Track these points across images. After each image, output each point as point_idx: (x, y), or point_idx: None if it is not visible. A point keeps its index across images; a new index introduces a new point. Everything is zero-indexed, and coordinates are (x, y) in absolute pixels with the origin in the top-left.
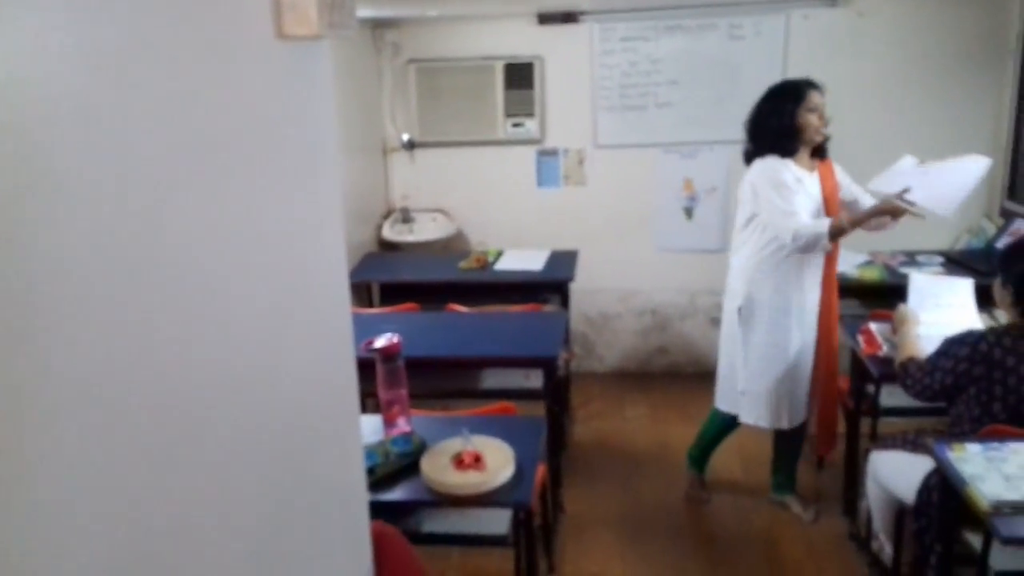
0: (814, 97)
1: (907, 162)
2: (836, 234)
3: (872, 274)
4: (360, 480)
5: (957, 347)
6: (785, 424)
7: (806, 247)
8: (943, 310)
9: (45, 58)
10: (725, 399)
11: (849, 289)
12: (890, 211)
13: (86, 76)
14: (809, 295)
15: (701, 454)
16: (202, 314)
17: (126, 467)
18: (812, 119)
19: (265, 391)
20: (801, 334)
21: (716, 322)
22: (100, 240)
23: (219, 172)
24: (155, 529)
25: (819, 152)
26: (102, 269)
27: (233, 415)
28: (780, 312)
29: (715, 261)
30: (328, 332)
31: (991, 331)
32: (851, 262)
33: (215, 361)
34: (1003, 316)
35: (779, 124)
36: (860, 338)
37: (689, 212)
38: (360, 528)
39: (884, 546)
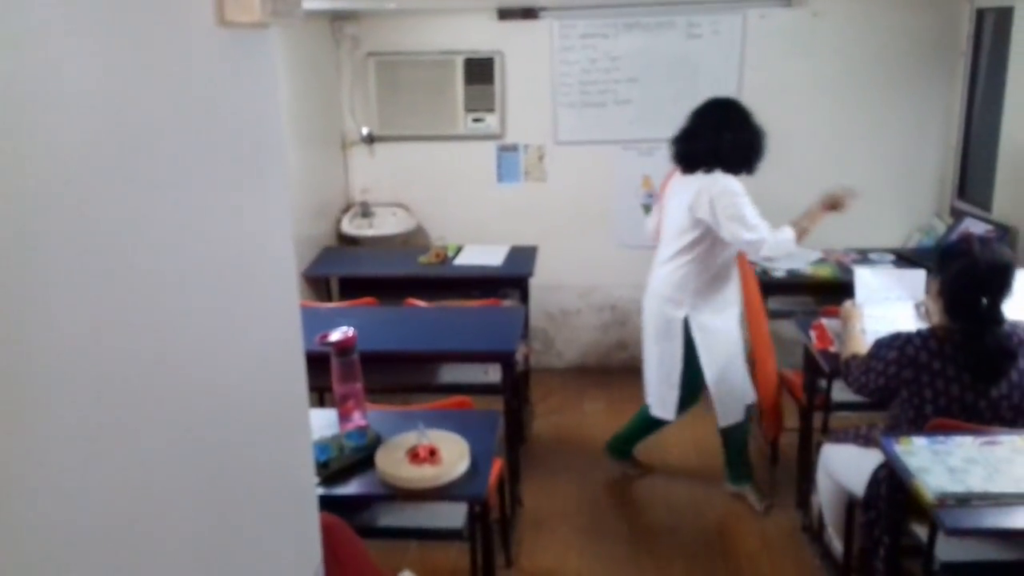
0: None
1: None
2: (800, 237)
3: (824, 271)
4: (309, 472)
5: (885, 350)
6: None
7: (776, 255)
8: (892, 303)
9: None
10: (666, 406)
11: (802, 286)
12: (833, 204)
13: (10, 57)
14: (737, 288)
15: (626, 446)
16: (139, 305)
17: (67, 458)
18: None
19: (209, 383)
20: (738, 325)
21: None
22: (24, 229)
23: (155, 161)
24: (97, 520)
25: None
26: (25, 260)
27: (174, 407)
28: (727, 308)
29: None
30: (276, 324)
31: (918, 334)
32: (804, 259)
33: (154, 351)
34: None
35: (759, 147)
36: (812, 334)
37: (647, 208)
38: (309, 520)
39: (834, 538)
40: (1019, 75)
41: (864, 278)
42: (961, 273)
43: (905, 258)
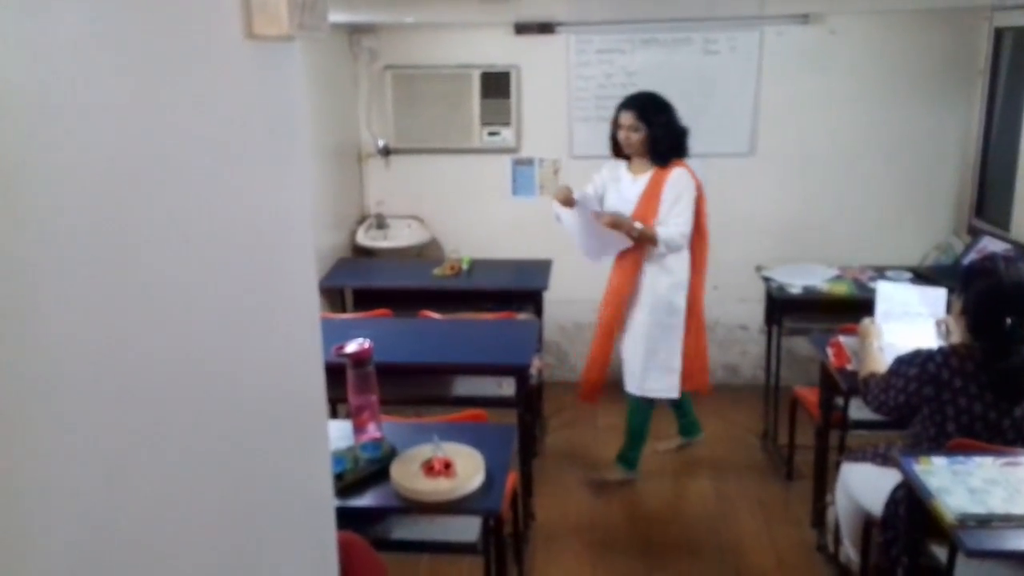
0: (620, 116)
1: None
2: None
3: (841, 288)
4: (327, 486)
5: (906, 367)
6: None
7: None
8: (912, 319)
9: None
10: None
11: (818, 303)
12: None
13: (41, 69)
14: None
15: (637, 451)
16: (164, 316)
17: (83, 472)
18: (619, 134)
19: (229, 395)
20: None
21: None
22: (57, 240)
23: (184, 172)
24: (112, 537)
25: (659, 159)
26: (56, 269)
27: (195, 418)
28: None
29: None
30: (296, 336)
31: (939, 351)
32: (821, 276)
33: (175, 363)
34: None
35: (611, 134)
36: (829, 351)
37: None
38: (327, 535)
39: (851, 558)
40: None
41: (886, 291)
42: (986, 292)
43: (922, 276)
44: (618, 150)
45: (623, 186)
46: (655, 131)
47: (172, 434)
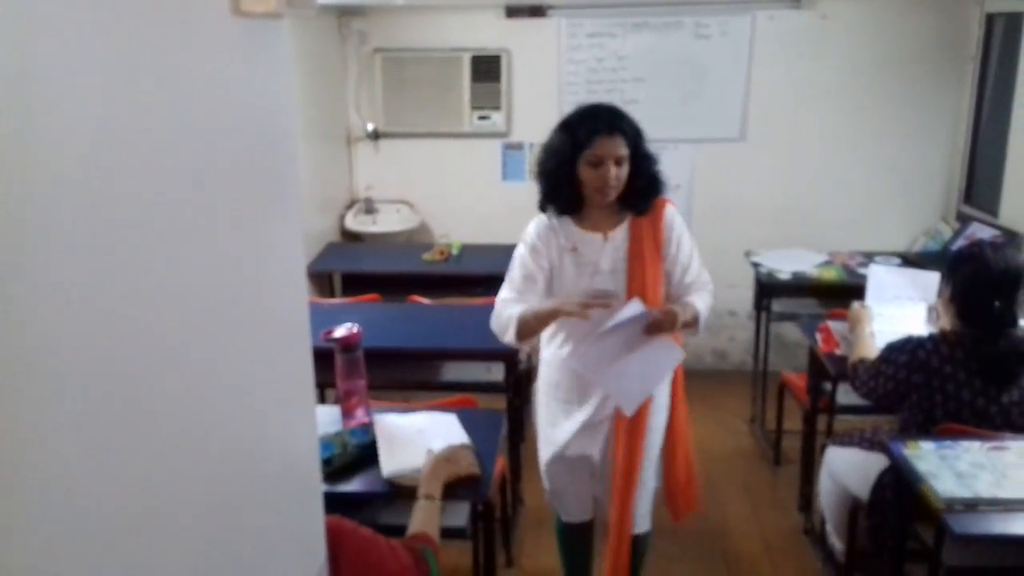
0: (603, 145)
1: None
2: (523, 332)
3: (830, 273)
4: (315, 472)
5: (896, 354)
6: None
7: (498, 334)
8: (903, 303)
9: None
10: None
11: (806, 288)
12: (573, 313)
13: (17, 45)
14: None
15: None
16: (147, 301)
17: (71, 455)
18: (590, 175)
19: (214, 379)
20: None
21: None
22: (27, 229)
23: (163, 153)
24: (90, 522)
25: (641, 203)
26: (28, 260)
27: (178, 402)
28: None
29: None
30: (283, 321)
31: (929, 338)
32: (810, 262)
33: (158, 347)
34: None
35: (556, 172)
36: (818, 336)
37: None
38: (314, 521)
39: (836, 542)
40: None
41: (878, 275)
42: (973, 277)
43: (910, 261)
44: (567, 200)
45: (591, 252)
46: (642, 164)
47: (155, 419)
